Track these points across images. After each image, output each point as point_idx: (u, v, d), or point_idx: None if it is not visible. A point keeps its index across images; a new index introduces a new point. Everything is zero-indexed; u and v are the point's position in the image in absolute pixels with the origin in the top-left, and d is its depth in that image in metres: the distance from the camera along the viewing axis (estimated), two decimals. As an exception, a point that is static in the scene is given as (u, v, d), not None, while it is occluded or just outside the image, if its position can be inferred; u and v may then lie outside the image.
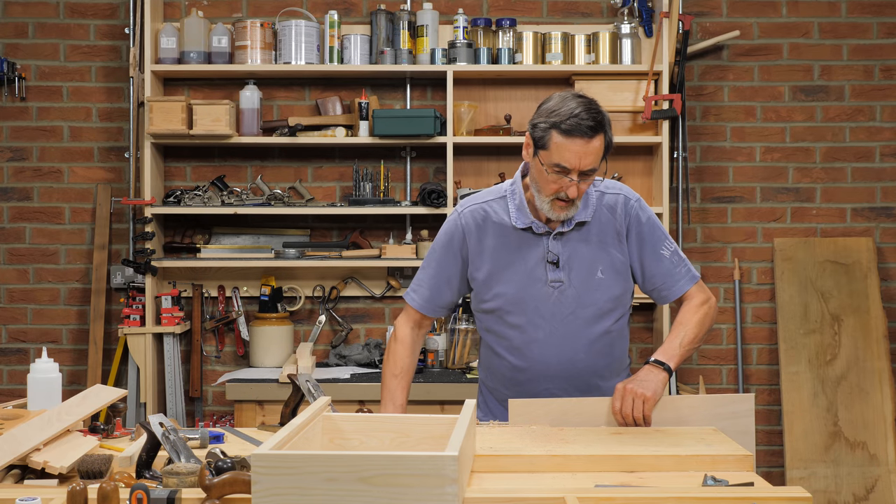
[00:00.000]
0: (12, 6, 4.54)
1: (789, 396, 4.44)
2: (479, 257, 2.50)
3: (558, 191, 2.36)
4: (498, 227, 2.49)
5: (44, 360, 2.45)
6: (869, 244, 4.54)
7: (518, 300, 2.47)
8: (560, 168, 2.33)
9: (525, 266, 2.47)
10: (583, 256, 2.47)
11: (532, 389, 2.51)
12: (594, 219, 2.48)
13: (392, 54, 4.34)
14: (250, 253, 4.38)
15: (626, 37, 4.36)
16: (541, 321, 2.47)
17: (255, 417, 3.97)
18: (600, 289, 2.48)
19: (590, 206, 2.48)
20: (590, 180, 2.38)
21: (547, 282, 2.46)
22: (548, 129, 2.33)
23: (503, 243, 2.48)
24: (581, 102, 2.34)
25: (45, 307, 4.57)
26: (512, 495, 1.81)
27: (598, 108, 2.35)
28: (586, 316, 2.48)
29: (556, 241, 2.47)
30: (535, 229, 2.46)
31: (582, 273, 2.47)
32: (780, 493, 1.84)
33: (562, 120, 2.31)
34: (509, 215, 2.48)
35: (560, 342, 2.47)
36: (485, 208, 2.52)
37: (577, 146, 2.31)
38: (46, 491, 1.91)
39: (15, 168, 4.56)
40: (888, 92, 4.59)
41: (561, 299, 2.46)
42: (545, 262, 2.46)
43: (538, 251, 2.47)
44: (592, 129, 2.31)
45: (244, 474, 1.73)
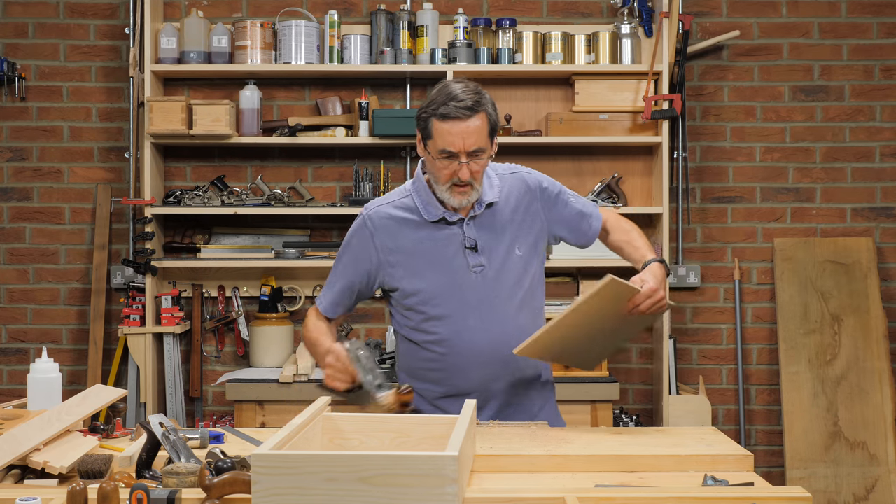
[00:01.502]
0: (12, 6, 4.54)
1: (789, 396, 4.44)
2: (394, 257, 2.48)
3: (452, 176, 2.38)
4: (409, 224, 2.49)
5: (44, 360, 2.45)
6: (869, 244, 4.54)
7: (443, 291, 2.47)
8: (447, 153, 2.36)
9: (444, 256, 2.47)
10: (499, 237, 2.49)
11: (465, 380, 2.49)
12: (502, 198, 2.51)
13: (392, 54, 4.34)
14: (250, 253, 4.38)
15: (626, 37, 4.36)
16: (468, 308, 2.47)
17: (255, 417, 3.97)
18: (519, 266, 2.50)
19: (494, 186, 2.51)
20: (481, 161, 2.39)
21: (469, 268, 2.46)
22: (428, 119, 2.38)
23: (418, 238, 2.48)
24: (459, 86, 2.38)
25: (45, 307, 4.57)
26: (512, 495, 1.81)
27: (475, 89, 2.38)
28: (510, 296, 2.49)
29: (470, 227, 2.48)
30: (449, 218, 2.47)
31: (500, 253, 2.49)
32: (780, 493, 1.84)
33: (438, 106, 2.35)
34: (418, 212, 2.48)
35: (490, 326, 2.47)
36: (390, 210, 2.51)
37: (457, 128, 2.33)
38: (46, 491, 1.91)
39: (15, 168, 4.56)
40: (888, 92, 4.59)
41: (485, 283, 2.47)
42: (463, 248, 2.47)
43: (455, 239, 2.47)
44: (469, 109, 2.34)
45: (244, 474, 1.73)
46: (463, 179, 2.37)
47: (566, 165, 4.51)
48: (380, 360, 4.27)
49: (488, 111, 2.38)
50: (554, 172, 4.48)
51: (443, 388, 2.51)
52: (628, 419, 4.24)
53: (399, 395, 2.19)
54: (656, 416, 4.42)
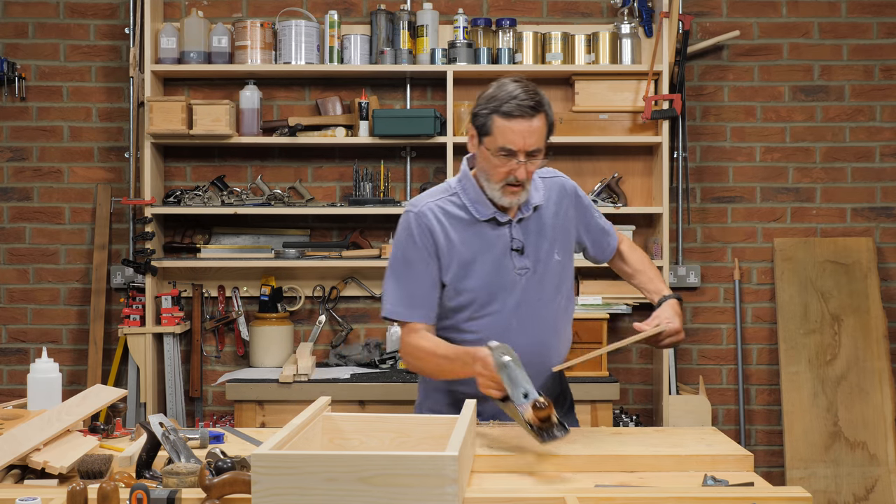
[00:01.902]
0: (12, 6, 4.54)
1: (789, 396, 4.44)
2: (448, 254, 2.47)
3: (507, 175, 2.37)
4: (460, 222, 2.48)
5: (44, 360, 2.46)
6: (869, 244, 4.54)
7: (490, 292, 2.47)
8: (506, 151, 2.35)
9: (492, 256, 2.47)
10: (542, 241, 2.50)
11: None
12: (546, 202, 2.52)
13: (392, 54, 4.34)
14: (250, 253, 4.38)
15: (626, 37, 4.36)
16: (510, 310, 2.47)
17: (255, 417, 3.97)
18: (556, 270, 2.53)
19: (539, 189, 2.52)
20: (537, 162, 2.39)
21: (514, 269, 2.47)
22: (489, 115, 2.36)
23: (468, 237, 2.47)
24: (519, 85, 2.37)
25: (45, 307, 4.57)
26: (512, 495, 1.81)
27: (535, 90, 2.38)
28: (550, 299, 2.51)
29: (517, 229, 2.48)
30: (500, 219, 2.47)
31: (542, 257, 2.50)
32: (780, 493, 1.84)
33: (502, 103, 2.34)
34: (467, 210, 2.47)
35: (529, 329, 2.48)
36: (439, 204, 2.49)
37: (520, 126, 2.33)
38: (46, 491, 1.91)
39: (15, 168, 4.56)
40: (888, 92, 4.59)
41: (528, 286, 2.48)
42: (510, 250, 2.47)
43: (502, 240, 2.47)
44: (533, 109, 2.34)
45: (244, 474, 1.73)
46: (519, 179, 2.37)
47: (566, 165, 4.50)
48: (380, 360, 4.28)
49: (548, 112, 2.39)
50: (554, 172, 4.50)
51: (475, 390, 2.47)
52: (628, 419, 4.24)
53: (535, 409, 2.02)
54: (656, 416, 4.42)
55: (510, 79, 2.41)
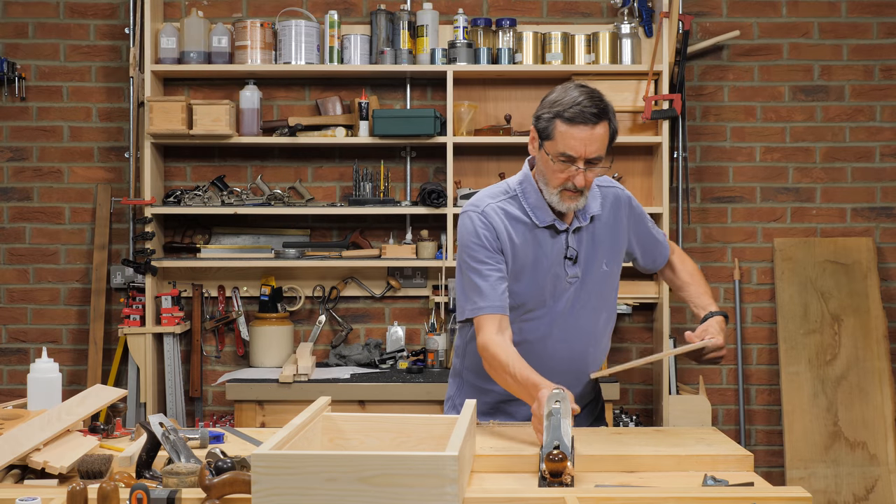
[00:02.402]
0: (12, 6, 4.54)
1: (789, 396, 4.44)
2: (510, 254, 2.46)
3: (566, 181, 2.36)
4: (520, 224, 2.47)
5: (44, 360, 2.45)
6: (869, 244, 4.54)
7: (540, 297, 2.47)
8: (566, 157, 2.34)
9: (547, 263, 2.46)
10: (593, 251, 2.50)
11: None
12: (601, 210, 2.52)
13: (392, 54, 4.34)
14: (250, 253, 4.38)
15: (626, 37, 4.36)
16: (556, 317, 2.48)
17: (255, 417, 3.97)
18: (604, 281, 2.53)
19: (597, 198, 2.51)
20: (597, 170, 2.38)
21: (566, 277, 2.47)
22: (552, 119, 2.35)
23: (526, 241, 2.46)
24: (583, 91, 2.36)
25: (45, 307, 4.57)
26: (512, 495, 1.81)
27: (600, 97, 2.37)
28: (595, 309, 2.53)
29: (573, 237, 2.48)
30: (558, 227, 2.46)
31: (592, 267, 2.50)
32: (780, 493, 1.84)
33: (565, 108, 2.32)
34: (527, 214, 2.46)
35: (572, 338, 2.50)
36: (501, 206, 2.48)
37: (582, 133, 2.32)
38: (46, 491, 1.91)
39: (15, 168, 4.56)
40: (888, 92, 4.59)
41: (577, 295, 2.49)
42: (563, 258, 2.46)
43: (557, 247, 2.47)
44: (596, 116, 2.32)
45: (244, 474, 1.73)
46: (578, 186, 2.36)
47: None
48: (380, 360, 4.28)
49: (611, 120, 2.38)
50: (554, 172, 4.50)
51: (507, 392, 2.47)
52: (628, 419, 4.24)
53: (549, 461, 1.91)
54: (656, 416, 4.42)
55: (575, 84, 2.39)
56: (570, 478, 1.91)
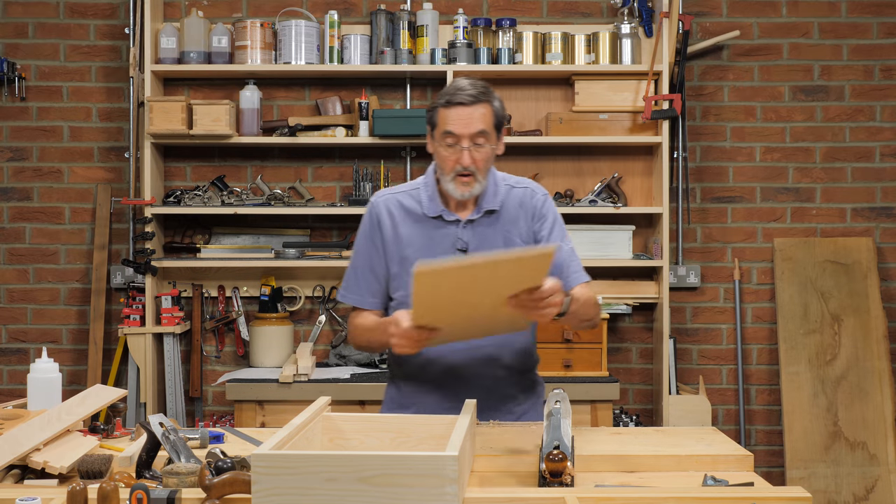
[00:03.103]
0: (12, 6, 4.54)
1: (789, 396, 4.44)
2: (393, 246, 2.53)
3: (455, 163, 2.43)
4: (410, 217, 2.53)
5: (44, 360, 2.45)
6: (869, 244, 4.54)
7: None
8: (449, 134, 2.42)
9: (434, 254, 2.49)
10: (490, 245, 2.51)
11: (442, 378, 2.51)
12: (503, 208, 2.53)
13: (392, 54, 4.34)
14: (250, 253, 4.38)
15: (626, 37, 4.36)
16: None
17: (255, 417, 3.97)
18: None
19: (499, 195, 2.54)
20: (484, 150, 2.43)
21: None
22: (435, 108, 2.47)
23: (415, 232, 2.52)
24: (467, 80, 2.47)
25: (45, 307, 4.57)
26: (512, 495, 1.81)
27: (483, 85, 2.46)
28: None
29: (465, 230, 2.51)
30: (446, 217, 2.51)
31: None
32: (780, 493, 1.84)
33: (444, 96, 2.45)
34: (421, 205, 2.53)
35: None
36: (397, 198, 2.57)
37: (462, 113, 2.41)
38: (46, 491, 1.91)
39: (15, 168, 4.56)
40: (888, 92, 4.59)
41: None
42: (454, 249, 2.50)
43: (448, 239, 2.50)
44: (473, 97, 2.42)
45: (244, 474, 1.73)
46: (465, 165, 2.42)
47: (566, 165, 4.51)
48: (380, 360, 4.28)
49: (494, 105, 2.45)
50: (554, 172, 4.51)
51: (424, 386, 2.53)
52: (628, 419, 4.24)
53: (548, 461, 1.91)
54: (656, 416, 4.42)
55: (464, 77, 2.50)
56: (570, 478, 1.91)
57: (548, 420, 2.05)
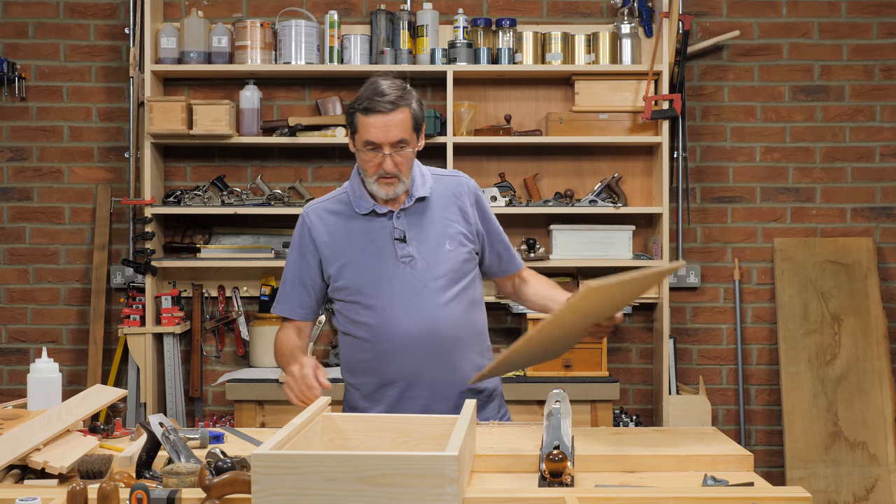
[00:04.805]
0: (12, 6, 4.54)
1: (789, 396, 4.44)
2: (329, 250, 2.57)
3: (378, 168, 2.47)
4: (342, 219, 2.57)
5: (44, 360, 2.45)
6: (869, 244, 4.54)
7: (372, 280, 2.53)
8: (371, 144, 2.45)
9: (374, 247, 2.54)
10: (428, 231, 2.56)
11: (399, 370, 2.53)
12: (433, 195, 2.58)
13: (392, 54, 4.34)
14: (250, 253, 4.38)
15: (626, 37, 4.36)
16: (396, 298, 2.51)
17: (255, 417, 3.97)
18: (449, 260, 2.56)
19: (427, 183, 2.58)
20: (405, 153, 2.47)
21: (397, 258, 2.52)
22: (354, 114, 2.48)
23: (350, 231, 2.56)
24: (386, 82, 2.47)
25: (45, 307, 4.57)
26: (512, 495, 1.81)
27: (400, 86, 2.48)
28: (439, 286, 2.53)
29: (399, 219, 2.54)
30: (378, 210, 2.54)
31: (430, 246, 2.55)
32: (780, 493, 1.84)
33: (362, 101, 2.45)
34: (351, 206, 2.57)
35: (417, 315, 2.51)
36: (326, 205, 2.61)
37: (380, 121, 2.43)
38: (46, 491, 1.91)
39: (15, 168, 4.56)
40: (888, 92, 4.59)
41: (413, 273, 2.52)
42: (392, 239, 2.53)
43: (384, 231, 2.54)
44: (392, 104, 2.43)
45: (244, 474, 1.73)
46: (387, 171, 2.46)
47: (566, 165, 4.51)
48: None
49: (412, 106, 2.47)
50: (554, 172, 4.51)
51: (375, 379, 2.55)
52: (628, 419, 4.24)
53: (548, 461, 1.90)
54: (656, 416, 4.42)
55: (381, 76, 2.51)
56: (570, 478, 1.91)
57: (548, 420, 2.05)
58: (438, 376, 2.53)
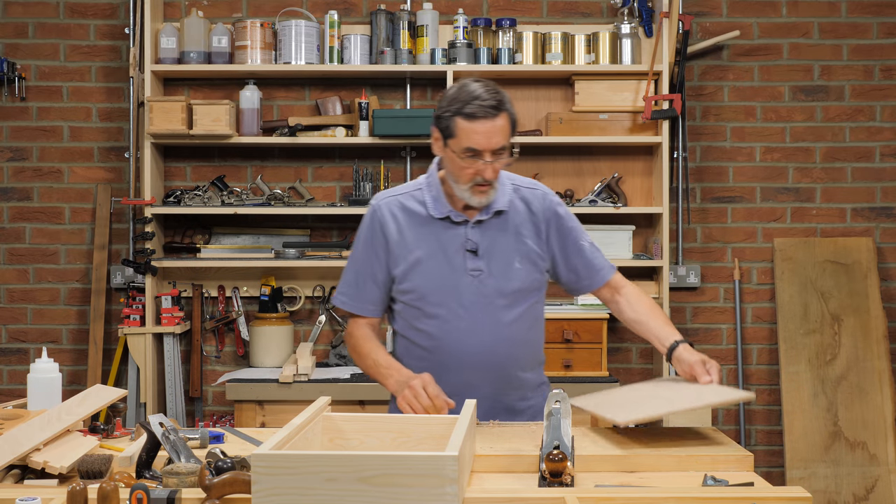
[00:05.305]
0: (12, 6, 4.54)
1: (789, 396, 4.44)
2: (399, 248, 2.49)
3: (475, 175, 2.38)
4: (415, 218, 2.50)
5: (44, 360, 2.45)
6: (869, 244, 4.54)
7: (438, 289, 2.47)
8: (472, 151, 2.36)
9: (444, 255, 2.47)
10: (500, 246, 2.50)
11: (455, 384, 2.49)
12: (511, 209, 2.51)
13: (392, 54, 4.34)
14: (250, 253, 4.38)
15: (626, 37, 4.36)
16: (461, 310, 2.47)
17: (255, 417, 3.97)
18: (517, 278, 2.50)
19: (506, 195, 2.51)
20: (503, 160, 2.40)
21: (466, 270, 2.46)
22: (451, 118, 2.37)
23: (422, 234, 2.49)
24: (480, 85, 2.39)
25: (45, 307, 4.57)
26: (512, 495, 1.81)
27: (496, 88, 2.40)
28: (505, 304, 2.49)
29: (474, 230, 2.48)
30: (454, 218, 2.48)
31: (500, 262, 2.49)
32: (780, 493, 1.84)
33: (463, 105, 2.35)
34: (426, 206, 2.49)
35: (480, 330, 2.47)
36: (400, 200, 2.53)
37: (484, 127, 2.34)
38: (46, 491, 1.91)
39: (15, 168, 4.56)
40: (888, 92, 4.59)
41: (480, 288, 2.47)
42: (464, 250, 2.47)
43: (457, 240, 2.48)
44: (495, 108, 2.35)
45: (244, 474, 1.73)
46: (487, 179, 2.38)
47: (566, 165, 4.51)
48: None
49: (509, 110, 2.39)
50: (554, 172, 4.51)
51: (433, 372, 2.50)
52: (628, 419, 4.23)
53: (548, 461, 1.90)
54: (656, 416, 4.41)
55: (471, 79, 2.43)
56: (570, 478, 1.91)
57: (548, 420, 2.04)
58: (490, 392, 2.49)
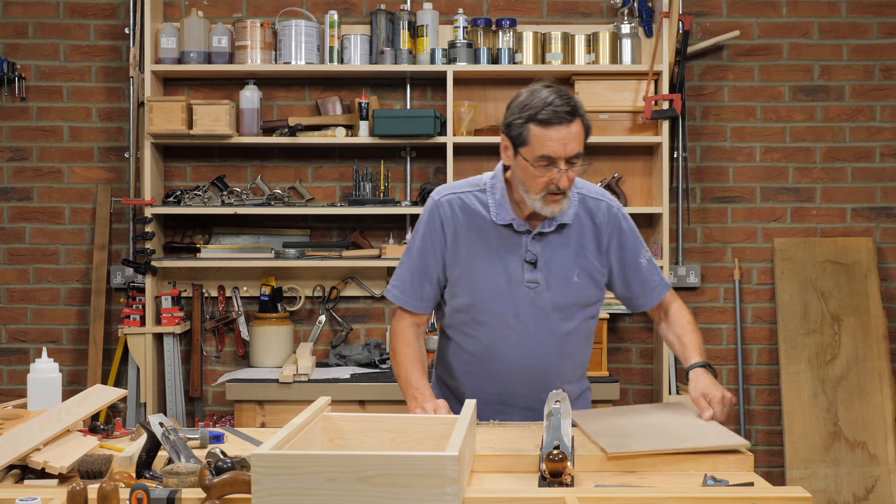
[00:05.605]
0: (12, 6, 4.54)
1: (789, 396, 4.44)
2: (456, 249, 2.43)
3: (548, 184, 2.30)
4: (476, 220, 2.43)
5: (44, 360, 2.45)
6: (869, 244, 4.54)
7: (492, 298, 2.42)
8: (546, 159, 2.28)
9: (502, 263, 2.41)
10: (560, 259, 2.43)
11: (499, 392, 2.47)
12: (574, 222, 2.44)
13: (392, 54, 4.34)
14: (250, 253, 4.38)
15: (626, 37, 4.36)
16: (514, 321, 2.42)
17: (255, 417, 3.97)
18: (574, 293, 2.44)
19: (572, 206, 2.43)
20: (578, 168, 2.31)
21: (523, 282, 2.41)
22: (524, 125, 2.29)
23: (481, 238, 2.42)
24: (551, 90, 2.31)
25: (45, 307, 4.57)
26: (512, 495, 1.81)
27: (569, 94, 2.32)
28: (559, 318, 2.44)
29: (535, 242, 2.42)
30: (516, 227, 2.41)
31: (559, 276, 2.42)
32: (780, 493, 1.84)
33: (537, 111, 2.27)
34: (488, 209, 2.42)
35: (531, 343, 2.43)
36: (462, 198, 2.45)
37: (559, 133, 2.27)
38: (46, 491, 1.91)
39: (15, 168, 4.56)
40: (888, 92, 4.59)
41: (536, 300, 2.42)
42: (523, 261, 2.41)
43: (517, 250, 2.42)
44: (570, 114, 2.28)
45: (244, 474, 1.73)
46: (561, 188, 2.30)
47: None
48: (380, 360, 4.28)
49: (583, 116, 2.32)
50: (554, 172, 4.50)
51: (470, 391, 2.48)
52: (628, 419, 4.24)
53: (549, 461, 1.89)
54: (656, 416, 4.42)
55: (541, 84, 2.33)
56: (570, 478, 1.91)
57: (548, 420, 2.04)
58: (533, 402, 2.44)
